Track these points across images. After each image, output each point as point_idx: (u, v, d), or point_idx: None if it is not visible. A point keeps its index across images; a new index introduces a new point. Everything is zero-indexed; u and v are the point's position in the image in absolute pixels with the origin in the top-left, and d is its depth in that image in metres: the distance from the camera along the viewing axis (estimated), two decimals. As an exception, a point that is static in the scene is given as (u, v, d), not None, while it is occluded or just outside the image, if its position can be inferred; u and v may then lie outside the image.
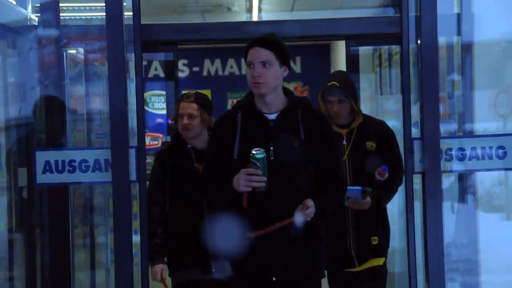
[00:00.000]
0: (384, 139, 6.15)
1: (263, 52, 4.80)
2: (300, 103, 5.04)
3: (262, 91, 4.82)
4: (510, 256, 8.63)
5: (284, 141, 4.80)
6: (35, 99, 8.47)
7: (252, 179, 4.58)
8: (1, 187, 7.77)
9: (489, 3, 8.50)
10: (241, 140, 4.85)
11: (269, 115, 4.93)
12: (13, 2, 8.45)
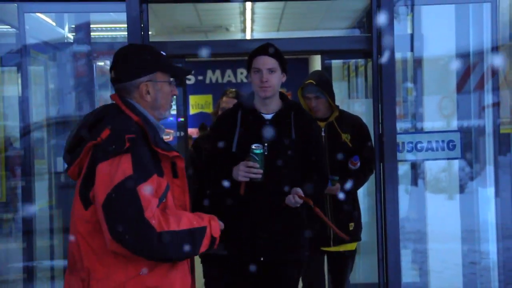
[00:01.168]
0: (358, 132, 5.97)
1: (270, 60, 4.75)
2: (293, 106, 4.98)
3: (268, 94, 4.76)
4: (451, 228, 8.60)
5: (277, 138, 4.73)
6: (71, 103, 8.43)
7: (251, 171, 4.53)
8: (43, 172, 7.64)
9: (436, 26, 8.49)
10: (239, 135, 4.79)
11: (266, 115, 4.85)
12: (53, 24, 8.37)
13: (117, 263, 3.35)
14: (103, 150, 3.31)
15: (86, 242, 3.37)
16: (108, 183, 3.24)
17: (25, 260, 6.34)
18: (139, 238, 3.22)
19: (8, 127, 7.23)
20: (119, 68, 3.66)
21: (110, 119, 3.47)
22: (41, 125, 7.69)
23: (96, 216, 3.31)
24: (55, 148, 7.78)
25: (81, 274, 3.39)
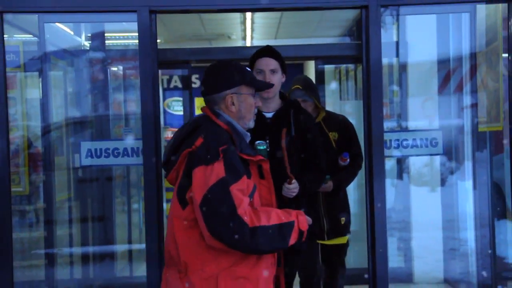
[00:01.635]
0: (344, 130, 5.99)
1: (272, 62, 4.70)
2: (292, 105, 4.90)
3: (271, 94, 4.69)
4: (433, 218, 8.65)
5: (278, 136, 4.61)
6: (87, 104, 8.46)
7: None
8: (62, 168, 7.65)
9: (419, 34, 8.51)
10: None
11: (267, 113, 4.77)
12: (71, 33, 8.40)
13: (210, 256, 3.49)
14: (198, 156, 3.48)
15: (183, 238, 3.55)
16: (203, 185, 3.39)
17: (46, 247, 6.37)
18: (234, 233, 3.34)
19: (30, 127, 7.26)
20: (208, 82, 3.82)
21: (203, 128, 3.64)
22: (60, 125, 7.72)
23: (193, 215, 3.49)
24: (73, 145, 7.77)
25: (179, 267, 3.56)
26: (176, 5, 5.94)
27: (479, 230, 7.77)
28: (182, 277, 3.53)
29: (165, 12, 6.03)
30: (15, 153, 6.64)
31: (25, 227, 6.98)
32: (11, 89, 6.12)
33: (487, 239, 7.56)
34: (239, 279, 3.52)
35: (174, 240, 3.59)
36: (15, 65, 6.93)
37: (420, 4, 6.14)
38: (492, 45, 6.35)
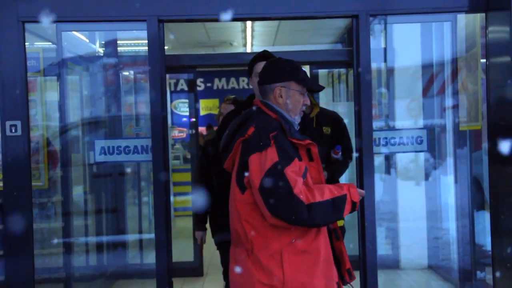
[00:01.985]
0: (336, 125, 5.88)
1: None
2: None
3: None
4: (418, 209, 8.70)
5: None
6: (101, 106, 8.49)
7: None
8: (79, 164, 7.70)
9: (405, 41, 8.51)
10: None
11: None
12: (86, 40, 8.42)
13: (273, 234, 3.55)
14: (251, 144, 3.57)
15: (247, 220, 3.61)
16: (260, 171, 3.48)
17: (64, 237, 6.38)
18: (292, 211, 3.43)
19: (49, 127, 7.28)
20: (263, 73, 3.92)
21: (254, 118, 3.74)
22: (76, 125, 7.74)
23: (252, 198, 3.57)
24: (88, 144, 7.80)
25: (246, 246, 3.62)
26: (182, 15, 5.96)
27: (460, 221, 7.80)
28: (250, 255, 3.59)
29: (172, 21, 6.05)
30: (35, 151, 6.66)
31: (44, 218, 7.00)
32: (32, 92, 6.14)
33: (467, 228, 7.59)
34: (301, 254, 3.58)
35: (240, 222, 3.66)
36: (36, 70, 6.94)
37: (405, 13, 6.14)
38: (471, 51, 6.37)
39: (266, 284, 3.54)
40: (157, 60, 5.69)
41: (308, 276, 3.58)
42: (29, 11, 5.58)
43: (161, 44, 5.75)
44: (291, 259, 3.55)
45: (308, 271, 3.58)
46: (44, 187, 7.16)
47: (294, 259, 3.56)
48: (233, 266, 3.79)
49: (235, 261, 3.77)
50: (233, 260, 3.81)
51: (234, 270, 3.77)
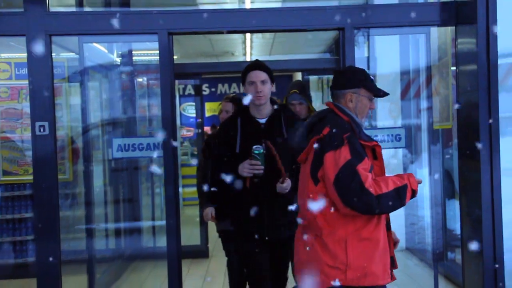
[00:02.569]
0: None
1: (262, 74, 4.45)
2: (283, 110, 4.66)
3: (262, 102, 4.46)
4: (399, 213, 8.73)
5: (272, 138, 4.35)
6: (118, 108, 8.51)
7: (254, 168, 4.27)
8: (99, 159, 7.79)
9: (385, 51, 8.53)
10: (241, 138, 4.48)
11: (261, 119, 4.52)
12: (105, 51, 8.44)
13: (340, 223, 3.66)
14: (326, 143, 3.67)
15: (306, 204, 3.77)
16: (334, 167, 3.59)
17: (86, 223, 6.40)
18: (364, 203, 3.53)
19: (73, 127, 7.30)
20: (335, 80, 4.00)
21: (328, 119, 3.80)
22: (96, 125, 7.76)
23: (324, 190, 3.69)
24: (107, 141, 7.83)
25: (315, 231, 3.72)
26: (189, 28, 5.96)
27: (433, 208, 7.81)
28: (318, 240, 3.69)
29: (180, 33, 6.05)
30: (61, 148, 6.69)
31: (69, 207, 7.04)
32: (57, 97, 6.16)
33: (440, 215, 7.61)
34: (363, 241, 3.67)
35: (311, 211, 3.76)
36: (61, 77, 6.95)
37: (385, 27, 6.14)
38: (443, 60, 6.39)
39: (331, 266, 3.65)
40: (167, 68, 5.71)
41: (368, 261, 3.67)
42: (55, 26, 5.60)
43: (171, 54, 5.77)
44: (354, 245, 3.65)
45: (368, 257, 3.68)
46: (69, 180, 7.20)
47: (356, 245, 3.66)
48: (301, 248, 3.89)
49: (304, 244, 3.84)
50: (301, 243, 3.88)
51: (301, 251, 3.89)
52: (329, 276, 3.66)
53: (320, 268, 3.69)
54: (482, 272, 5.44)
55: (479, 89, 5.42)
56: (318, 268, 3.70)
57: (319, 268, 3.69)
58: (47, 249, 5.53)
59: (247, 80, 4.49)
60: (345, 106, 3.88)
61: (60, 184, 5.91)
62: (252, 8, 8.85)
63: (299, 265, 3.91)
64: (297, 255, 3.98)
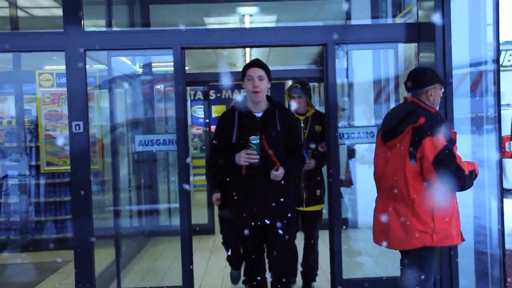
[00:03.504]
0: (325, 125, 5.73)
1: (260, 71, 4.25)
2: (277, 105, 4.39)
3: (259, 96, 4.23)
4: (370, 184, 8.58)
5: (267, 131, 4.16)
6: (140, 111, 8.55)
7: (250, 157, 4.05)
8: (124, 153, 7.79)
9: (361, 63, 8.54)
10: (238, 130, 4.22)
11: (257, 113, 4.28)
12: (129, 63, 8.45)
13: (428, 195, 3.91)
14: (425, 130, 3.86)
15: (412, 185, 3.92)
16: (433, 150, 3.80)
17: (114, 205, 6.44)
18: (458, 179, 3.81)
19: (103, 126, 7.35)
20: (417, 81, 4.18)
21: (420, 111, 3.98)
22: (122, 124, 7.76)
23: (419, 168, 3.89)
24: (131, 138, 7.81)
25: (407, 202, 3.95)
26: (199, 44, 5.96)
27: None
28: (411, 210, 3.92)
29: (191, 48, 6.09)
30: (93, 143, 6.73)
31: (100, 192, 7.08)
32: (90, 101, 6.19)
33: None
34: (445, 210, 3.93)
35: (406, 186, 3.92)
36: (93, 85, 6.98)
37: (361, 43, 6.16)
38: (407, 70, 6.36)
39: (422, 231, 3.92)
40: (180, 77, 5.71)
41: (448, 226, 3.96)
42: (89, 43, 5.62)
43: (183, 66, 5.79)
44: (439, 214, 3.92)
45: (448, 223, 3.96)
46: (99, 170, 7.24)
47: (440, 214, 3.92)
48: (393, 217, 4.05)
49: (395, 212, 4.04)
50: (393, 212, 4.07)
51: (392, 220, 4.07)
52: (419, 239, 3.93)
53: (412, 233, 3.94)
54: (439, 251, 5.37)
55: None
56: (410, 233, 3.95)
57: (411, 233, 3.95)
58: (82, 226, 5.58)
59: (246, 75, 4.31)
60: (426, 100, 4.10)
61: (92, 173, 5.95)
62: (251, 28, 8.88)
63: (382, 232, 4.20)
64: (377, 224, 4.31)
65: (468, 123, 5.63)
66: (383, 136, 4.22)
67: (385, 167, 4.19)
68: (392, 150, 4.07)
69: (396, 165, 4.01)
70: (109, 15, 7.55)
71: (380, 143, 4.34)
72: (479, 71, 5.56)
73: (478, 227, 5.53)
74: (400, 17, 7.35)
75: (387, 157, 4.15)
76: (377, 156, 4.38)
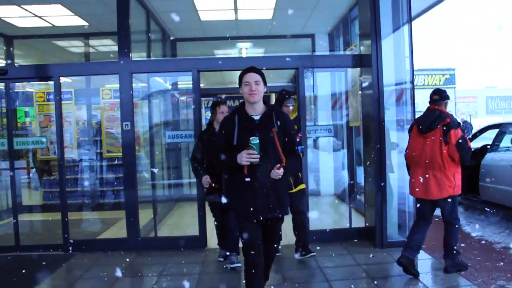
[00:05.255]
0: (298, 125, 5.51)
1: (256, 76, 3.41)
2: (273, 109, 3.49)
3: (256, 99, 3.37)
4: (329, 165, 8.67)
5: (265, 132, 3.33)
6: (170, 115, 8.64)
7: (251, 157, 3.22)
8: (158, 144, 7.76)
9: (323, 81, 8.47)
10: (238, 132, 3.38)
11: (255, 116, 3.41)
12: (161, 81, 8.39)
13: (452, 164, 4.46)
14: (451, 126, 4.41)
15: (445, 158, 4.42)
16: (456, 137, 4.38)
17: (151, 180, 6.37)
18: (469, 156, 4.47)
19: (144, 126, 7.40)
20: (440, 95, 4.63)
21: (445, 116, 4.48)
22: (157, 125, 7.80)
23: (446, 148, 4.40)
24: (163, 133, 7.75)
25: (442, 169, 4.44)
26: (210, 68, 6.06)
27: (349, 170, 7.91)
28: (443, 173, 4.43)
29: (205, 71, 6.17)
30: (137, 138, 6.77)
31: (141, 171, 7.16)
32: (135, 108, 6.23)
33: (352, 174, 7.77)
34: (456, 175, 4.49)
35: (441, 159, 4.41)
36: (137, 97, 7.00)
37: (323, 67, 6.24)
38: (354, 87, 6.37)
39: (449, 185, 4.44)
40: (196, 91, 5.79)
41: (459, 183, 4.53)
42: (134, 68, 5.74)
43: (199, 83, 5.84)
44: (457, 176, 4.50)
45: (460, 181, 4.53)
46: (141, 155, 7.38)
47: (457, 176, 4.50)
48: (432, 179, 4.46)
49: (435, 176, 4.44)
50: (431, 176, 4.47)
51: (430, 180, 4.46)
52: (448, 191, 4.44)
53: (444, 187, 4.43)
54: (374, 206, 5.61)
55: (373, 103, 5.55)
56: (443, 187, 4.43)
57: (443, 187, 4.43)
58: (131, 194, 5.75)
59: (243, 81, 3.46)
60: (444, 108, 4.59)
61: (137, 158, 6.09)
62: (247, 56, 9.03)
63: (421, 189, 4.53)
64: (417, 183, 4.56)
65: (395, 123, 5.68)
66: (421, 130, 4.54)
67: (422, 149, 4.51)
68: (428, 139, 4.48)
69: (432, 147, 4.44)
70: (149, 49, 7.63)
71: (416, 135, 4.64)
72: (401, 88, 5.63)
73: (401, 193, 5.64)
74: (349, 50, 7.48)
75: (423, 143, 4.51)
76: (415, 143, 4.62)
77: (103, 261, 5.40)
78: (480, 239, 5.93)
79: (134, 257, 5.51)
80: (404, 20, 5.56)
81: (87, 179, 7.91)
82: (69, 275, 4.93)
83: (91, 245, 5.83)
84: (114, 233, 6.52)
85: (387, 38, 5.55)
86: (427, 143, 4.45)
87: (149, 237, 6.07)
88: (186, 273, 4.84)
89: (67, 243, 5.75)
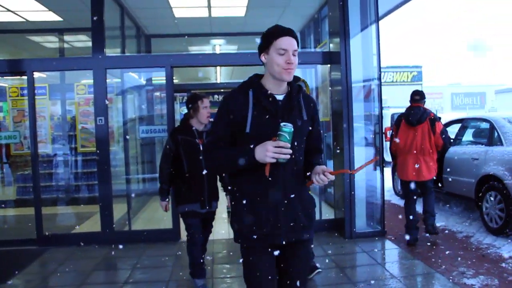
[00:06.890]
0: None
1: (295, 43, 2.09)
2: (299, 89, 2.20)
3: (291, 76, 2.11)
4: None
5: (292, 119, 2.06)
6: (144, 110, 8.55)
7: (282, 151, 1.92)
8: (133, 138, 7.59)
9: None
10: (253, 115, 2.05)
11: (278, 95, 2.10)
12: (136, 77, 8.22)
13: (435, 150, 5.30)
14: (435, 119, 5.24)
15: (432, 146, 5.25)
16: (439, 128, 5.24)
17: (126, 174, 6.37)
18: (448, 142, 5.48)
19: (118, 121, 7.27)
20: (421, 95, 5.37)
21: (429, 110, 5.30)
22: (132, 119, 7.65)
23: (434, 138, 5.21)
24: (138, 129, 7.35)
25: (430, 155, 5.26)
26: (184, 64, 6.05)
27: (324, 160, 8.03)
28: (431, 157, 5.25)
29: (178, 67, 6.15)
30: (111, 133, 6.66)
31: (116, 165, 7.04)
32: (109, 103, 6.04)
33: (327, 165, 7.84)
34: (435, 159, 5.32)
35: (430, 145, 5.19)
36: (111, 92, 6.84)
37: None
38: (325, 82, 6.41)
39: (434, 168, 5.29)
40: (169, 87, 5.77)
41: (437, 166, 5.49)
42: (108, 64, 5.68)
43: (172, 79, 5.81)
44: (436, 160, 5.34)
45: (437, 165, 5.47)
46: (115, 150, 7.28)
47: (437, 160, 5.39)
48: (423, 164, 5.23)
49: (425, 161, 5.23)
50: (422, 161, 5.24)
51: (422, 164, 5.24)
52: (433, 172, 5.28)
53: (431, 170, 5.25)
54: (343, 199, 5.66)
55: (342, 99, 5.61)
56: (430, 170, 5.25)
57: (431, 170, 5.25)
58: (105, 188, 5.68)
59: (278, 46, 2.09)
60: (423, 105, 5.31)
61: (111, 152, 6.00)
62: (221, 53, 9.01)
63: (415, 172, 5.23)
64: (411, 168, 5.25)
65: (362, 118, 5.75)
66: (412, 123, 5.20)
67: (413, 139, 5.21)
68: (418, 130, 5.18)
69: (422, 137, 5.17)
70: (123, 45, 7.54)
71: (405, 128, 5.29)
72: (369, 85, 5.71)
73: (369, 186, 5.73)
74: (319, 47, 7.55)
75: (412, 134, 5.21)
76: (405, 134, 5.27)
77: (77, 255, 5.33)
78: (444, 229, 6.07)
79: (108, 250, 5.46)
80: (372, 19, 5.64)
81: (62, 173, 7.78)
82: (43, 269, 4.85)
83: (65, 239, 5.75)
84: (88, 227, 6.43)
85: (355, 37, 5.63)
86: (417, 133, 5.18)
87: (123, 231, 6.03)
88: (160, 266, 4.83)
89: (41, 237, 5.65)
